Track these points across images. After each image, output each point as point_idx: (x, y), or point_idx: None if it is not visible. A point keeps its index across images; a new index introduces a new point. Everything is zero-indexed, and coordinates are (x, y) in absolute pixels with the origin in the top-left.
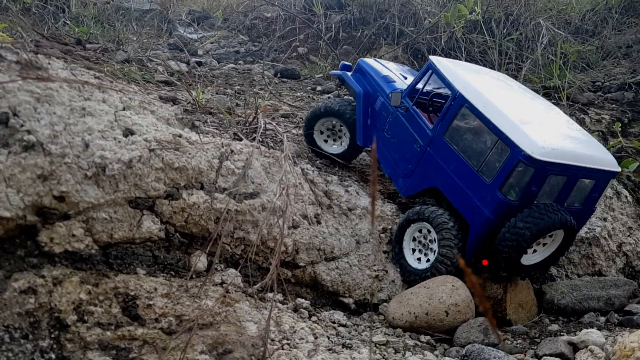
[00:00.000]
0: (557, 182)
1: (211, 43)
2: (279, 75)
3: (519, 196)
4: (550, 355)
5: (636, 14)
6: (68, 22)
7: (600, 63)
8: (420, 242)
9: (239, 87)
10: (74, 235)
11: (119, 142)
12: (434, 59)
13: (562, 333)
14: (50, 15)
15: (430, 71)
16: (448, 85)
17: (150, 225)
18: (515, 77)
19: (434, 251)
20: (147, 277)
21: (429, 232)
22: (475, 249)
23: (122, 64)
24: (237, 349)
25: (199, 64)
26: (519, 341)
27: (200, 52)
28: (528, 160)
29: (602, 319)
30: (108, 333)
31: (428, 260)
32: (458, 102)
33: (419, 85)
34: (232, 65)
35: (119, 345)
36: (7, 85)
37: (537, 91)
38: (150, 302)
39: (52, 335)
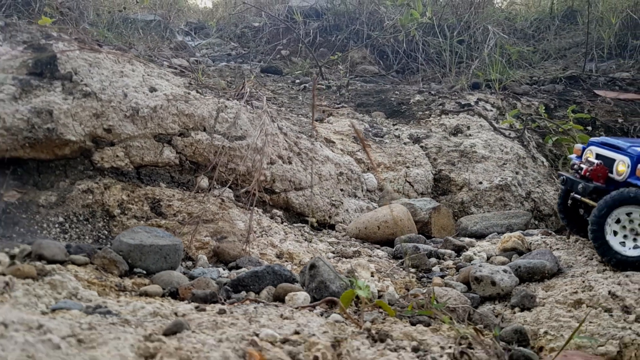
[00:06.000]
0: None
1: (206, 49)
2: (266, 68)
3: None
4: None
5: (575, 21)
6: (87, 27)
7: (542, 64)
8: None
9: (231, 78)
10: (117, 156)
11: (147, 94)
12: None
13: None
14: (73, 21)
15: None
16: None
17: (169, 154)
18: (465, 74)
19: None
20: (167, 188)
21: None
22: None
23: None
24: (230, 236)
25: (197, 62)
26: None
27: (197, 54)
28: None
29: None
30: (141, 222)
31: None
32: None
33: None
34: (225, 63)
35: None
36: (70, 53)
37: (479, 84)
38: (170, 204)
39: (104, 222)
